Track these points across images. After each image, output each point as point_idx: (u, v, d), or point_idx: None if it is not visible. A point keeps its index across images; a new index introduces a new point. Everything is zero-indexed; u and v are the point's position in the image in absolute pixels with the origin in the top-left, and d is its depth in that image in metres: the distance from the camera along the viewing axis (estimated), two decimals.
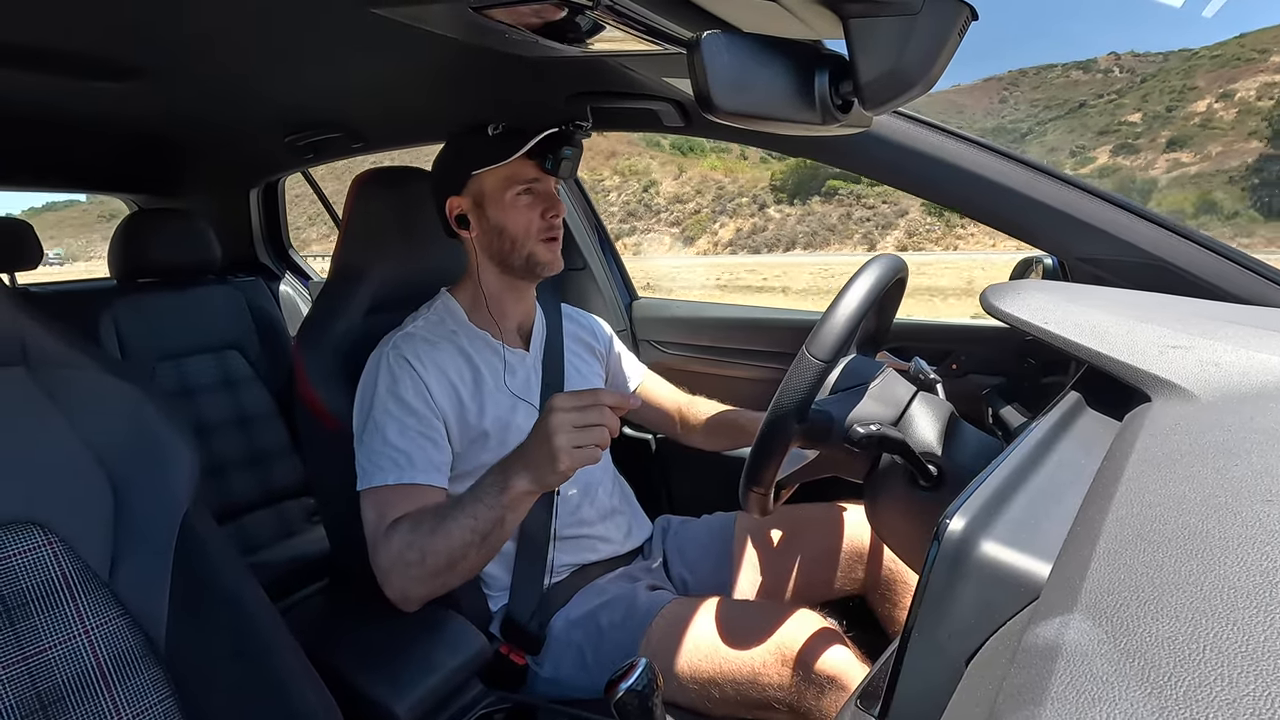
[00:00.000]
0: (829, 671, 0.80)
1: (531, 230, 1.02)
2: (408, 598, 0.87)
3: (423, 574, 0.84)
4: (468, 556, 0.83)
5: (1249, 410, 0.40)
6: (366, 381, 0.98)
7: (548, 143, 1.00)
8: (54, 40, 0.91)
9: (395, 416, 0.93)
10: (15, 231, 1.69)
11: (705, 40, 0.49)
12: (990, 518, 0.38)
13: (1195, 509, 0.31)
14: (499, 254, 1.04)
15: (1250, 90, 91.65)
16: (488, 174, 1.01)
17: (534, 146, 0.99)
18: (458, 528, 0.82)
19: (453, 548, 0.82)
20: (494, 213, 1.02)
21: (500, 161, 0.99)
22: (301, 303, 2.24)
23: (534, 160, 1.01)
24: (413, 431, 0.93)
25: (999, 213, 0.96)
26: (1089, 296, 0.65)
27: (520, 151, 0.98)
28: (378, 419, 0.93)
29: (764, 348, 1.49)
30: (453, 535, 0.82)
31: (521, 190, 1.01)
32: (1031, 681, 0.26)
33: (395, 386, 0.95)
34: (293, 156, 1.70)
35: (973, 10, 0.51)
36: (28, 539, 0.63)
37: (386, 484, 0.90)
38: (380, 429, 0.93)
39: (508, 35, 0.76)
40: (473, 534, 0.81)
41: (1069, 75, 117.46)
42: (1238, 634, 0.24)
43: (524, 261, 1.03)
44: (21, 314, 0.69)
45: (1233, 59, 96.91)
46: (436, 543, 0.83)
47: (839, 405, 0.78)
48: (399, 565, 0.85)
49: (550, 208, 1.02)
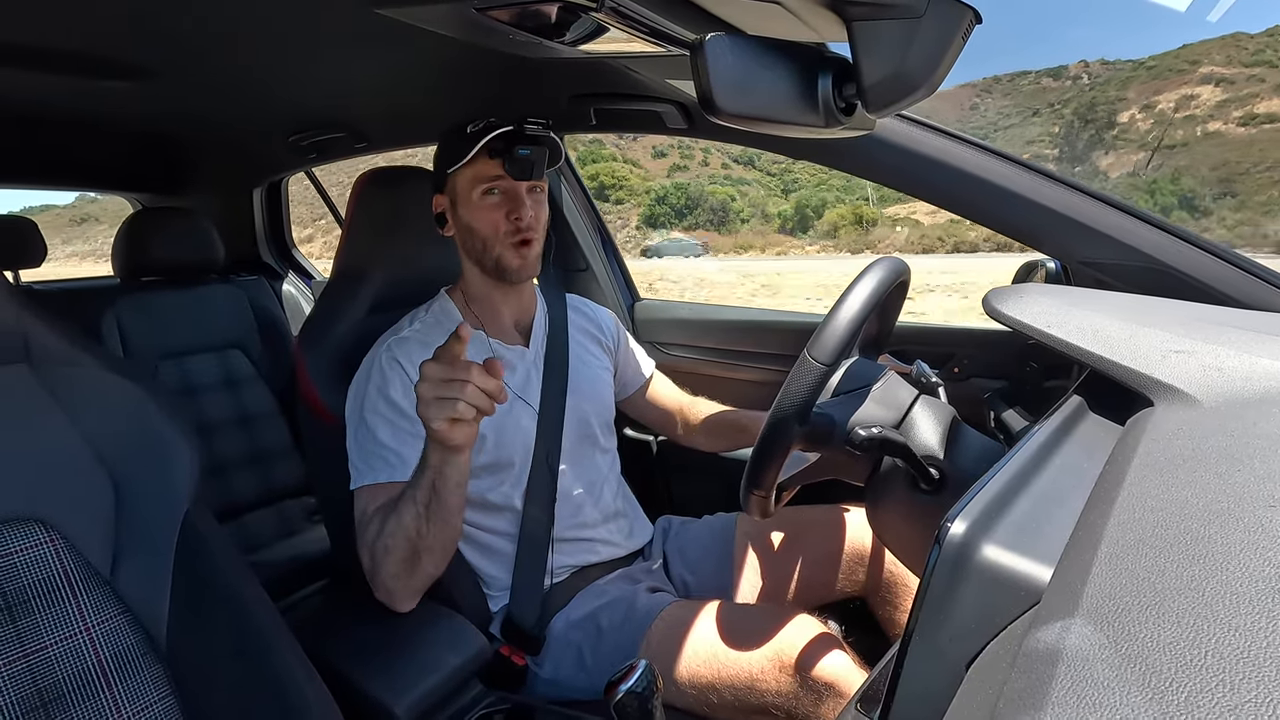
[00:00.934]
0: (826, 678, 0.80)
1: (499, 231, 1.00)
2: (392, 593, 0.87)
3: (394, 565, 0.84)
4: (423, 534, 0.82)
5: (1252, 415, 0.40)
6: (359, 381, 0.98)
7: (508, 141, 0.97)
8: (61, 40, 0.92)
9: (386, 417, 0.93)
10: (19, 229, 1.70)
11: (708, 42, 0.49)
12: (992, 521, 0.38)
13: (1198, 514, 0.31)
14: (474, 254, 1.04)
15: (1170, 102, 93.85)
16: (459, 173, 1.01)
17: (500, 146, 0.97)
18: (405, 507, 0.82)
19: (406, 528, 0.82)
20: (464, 212, 1.02)
21: (462, 160, 0.98)
22: (304, 302, 2.24)
23: (500, 159, 0.99)
24: (405, 433, 0.93)
25: (1001, 216, 0.96)
26: (1091, 300, 0.65)
27: (473, 150, 0.96)
28: (369, 420, 0.93)
29: (766, 350, 1.49)
30: (404, 516, 0.82)
31: (485, 189, 1.00)
32: (1032, 686, 0.26)
33: (386, 388, 0.95)
34: (296, 156, 1.71)
35: (976, 13, 0.51)
36: (29, 536, 0.63)
37: (378, 482, 0.90)
38: (372, 430, 0.93)
39: (511, 36, 0.76)
40: (416, 506, 0.81)
41: (1040, 82, 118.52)
42: (1240, 640, 0.24)
43: (494, 264, 1.03)
44: (25, 311, 0.69)
45: (1166, 70, 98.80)
46: (391, 526, 0.83)
47: (841, 408, 0.78)
48: (376, 560, 0.86)
49: (513, 209, 1.00)
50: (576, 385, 1.12)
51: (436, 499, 0.81)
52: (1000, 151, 0.96)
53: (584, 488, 1.09)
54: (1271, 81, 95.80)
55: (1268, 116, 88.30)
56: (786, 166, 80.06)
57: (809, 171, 71.79)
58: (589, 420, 1.13)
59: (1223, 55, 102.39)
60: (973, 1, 0.51)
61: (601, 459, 1.16)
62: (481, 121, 0.99)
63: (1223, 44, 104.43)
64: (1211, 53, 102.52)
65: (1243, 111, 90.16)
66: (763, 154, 13.13)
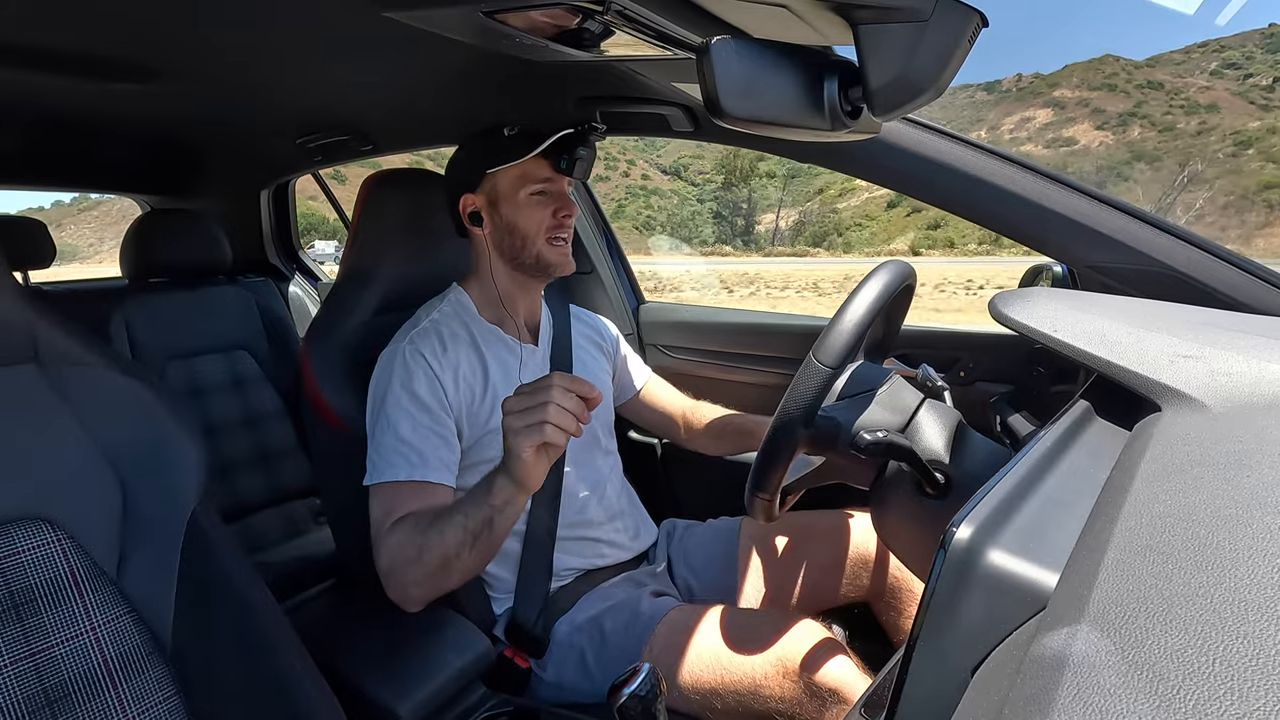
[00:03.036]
0: (831, 684, 0.79)
1: (542, 229, 1.03)
2: (408, 597, 0.87)
3: (420, 574, 0.84)
4: (461, 557, 0.82)
5: (1261, 421, 0.40)
6: (380, 376, 0.98)
7: (562, 143, 1.01)
8: (73, 43, 0.93)
9: (409, 412, 0.93)
10: (29, 230, 1.71)
11: (715, 46, 0.49)
12: (997, 527, 0.38)
13: (1205, 520, 0.31)
14: (510, 252, 1.05)
15: (1010, 124, 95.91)
16: (502, 173, 1.02)
17: (549, 147, 1.00)
18: (451, 527, 0.82)
19: (447, 547, 0.82)
20: (507, 211, 1.03)
21: (515, 160, 1.00)
22: (310, 304, 2.25)
23: (548, 160, 1.02)
24: (425, 429, 0.93)
25: (1008, 219, 0.95)
26: (1098, 305, 0.64)
27: (536, 150, 0.99)
28: (390, 414, 0.93)
29: (771, 353, 1.49)
30: (446, 535, 0.82)
31: (535, 190, 1.02)
32: (1038, 693, 0.25)
33: (410, 382, 0.95)
34: (303, 158, 1.72)
35: (983, 17, 0.51)
36: (36, 535, 0.64)
37: (397, 479, 0.90)
38: (393, 424, 0.93)
39: (519, 40, 0.77)
40: (465, 533, 0.81)
41: (975, 95, 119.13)
42: (1248, 647, 0.23)
43: (534, 260, 1.04)
44: (33, 311, 0.69)
45: (1029, 91, 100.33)
46: (432, 541, 0.83)
47: (846, 411, 0.78)
48: (399, 563, 0.85)
49: (562, 207, 1.03)
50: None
51: (489, 532, 0.82)
52: (1007, 154, 0.96)
53: (588, 487, 1.09)
54: (1094, 106, 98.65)
55: (1068, 140, 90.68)
56: (710, 177, 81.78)
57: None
58: (591, 421, 1.13)
59: (1081, 78, 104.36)
60: (981, 1, 0.51)
61: (604, 460, 1.16)
62: (516, 125, 1.02)
63: (1088, 66, 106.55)
64: (1075, 75, 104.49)
65: (1054, 135, 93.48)
66: (690, 165, 12.92)
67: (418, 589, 0.86)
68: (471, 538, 0.82)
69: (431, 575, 0.84)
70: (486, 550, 0.83)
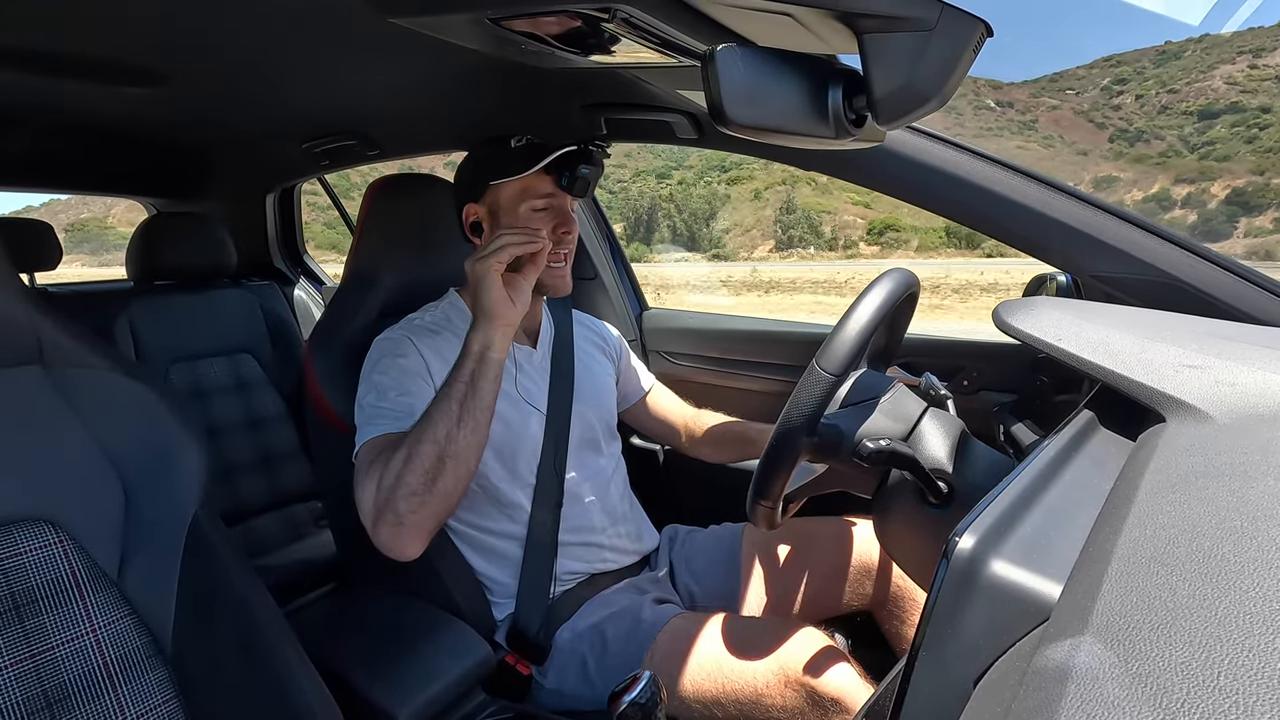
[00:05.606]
0: (832, 693, 0.79)
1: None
2: (402, 521, 0.80)
3: (414, 483, 0.80)
4: (453, 439, 0.81)
5: (1265, 432, 0.40)
6: (371, 354, 0.98)
7: (566, 160, 1.00)
8: (81, 47, 0.93)
9: (395, 379, 0.93)
10: (35, 232, 1.72)
11: (720, 53, 0.49)
12: (1000, 537, 0.38)
13: (1210, 532, 0.31)
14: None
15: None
16: (504, 185, 1.01)
17: (552, 163, 0.99)
18: (436, 411, 0.82)
19: (436, 434, 0.81)
20: (507, 224, 1.01)
21: (517, 175, 0.99)
22: (315, 307, 2.26)
23: (552, 176, 1.01)
24: (410, 395, 0.92)
25: (1012, 229, 0.95)
26: (1102, 314, 0.64)
27: (537, 166, 0.98)
28: (376, 379, 0.93)
29: (774, 360, 1.49)
30: (434, 420, 0.82)
31: (538, 205, 1.01)
32: (1041, 704, 0.25)
33: (398, 354, 0.95)
34: (309, 163, 1.73)
35: (987, 26, 0.51)
36: (38, 536, 0.64)
37: (383, 434, 0.87)
38: (381, 391, 0.92)
39: (524, 46, 0.77)
40: (450, 406, 0.82)
41: None
42: (1253, 660, 0.23)
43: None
44: (38, 313, 0.70)
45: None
46: (420, 435, 0.81)
47: (848, 419, 0.77)
48: (385, 486, 0.81)
49: (562, 223, 1.02)
50: (581, 390, 1.13)
51: (474, 396, 0.83)
52: (1011, 164, 0.96)
53: (589, 491, 1.09)
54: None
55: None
56: (626, 185, 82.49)
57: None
58: (593, 424, 1.13)
59: None
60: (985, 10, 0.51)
61: (605, 463, 1.16)
62: (524, 136, 1.01)
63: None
64: None
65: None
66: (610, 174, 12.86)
67: (412, 512, 0.80)
68: (458, 407, 0.82)
69: (426, 474, 0.80)
70: (476, 428, 0.83)
